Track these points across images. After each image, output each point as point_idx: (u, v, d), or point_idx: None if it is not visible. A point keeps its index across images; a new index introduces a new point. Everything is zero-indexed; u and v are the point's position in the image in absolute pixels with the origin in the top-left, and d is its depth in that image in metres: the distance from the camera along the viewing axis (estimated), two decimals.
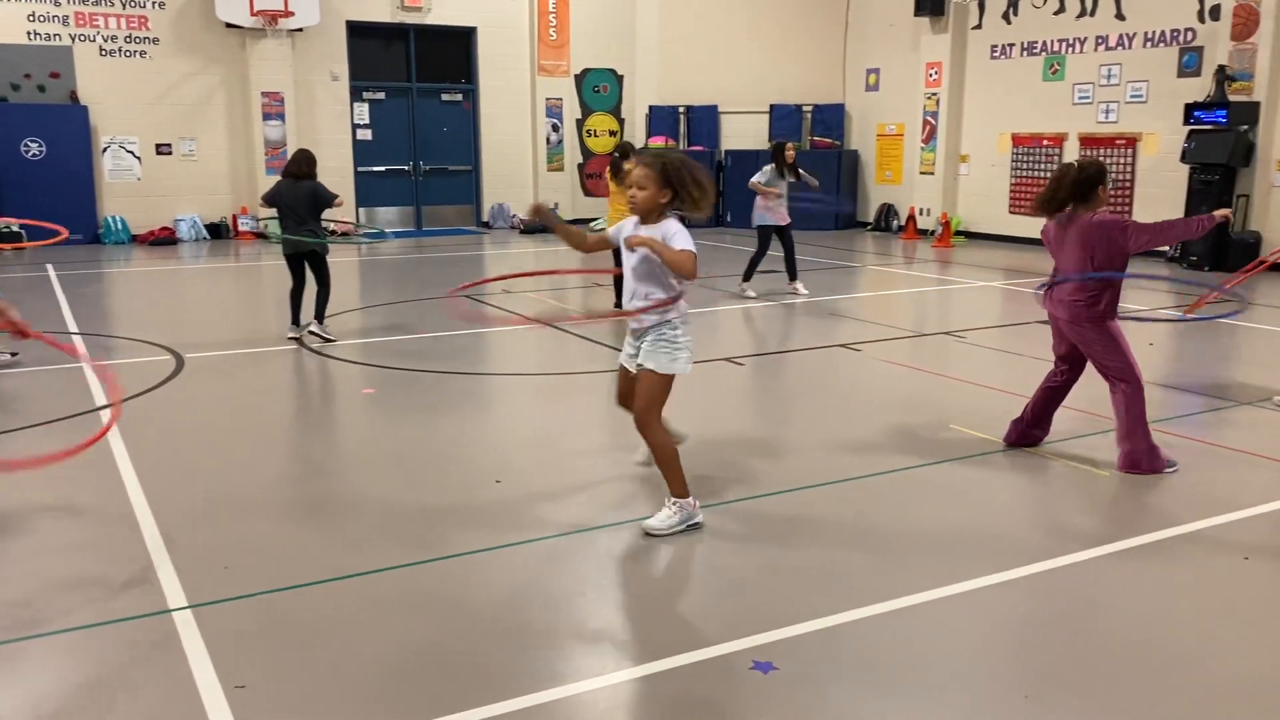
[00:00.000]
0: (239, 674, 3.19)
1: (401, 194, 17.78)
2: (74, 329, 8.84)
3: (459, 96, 17.86)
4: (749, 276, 10.63)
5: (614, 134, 18.73)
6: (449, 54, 17.68)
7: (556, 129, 18.22)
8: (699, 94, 18.37)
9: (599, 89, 18.60)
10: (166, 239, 15.54)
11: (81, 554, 4.16)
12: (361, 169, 17.11)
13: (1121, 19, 14.14)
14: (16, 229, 14.13)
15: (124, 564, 4.04)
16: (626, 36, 18.55)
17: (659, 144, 17.81)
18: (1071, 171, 4.99)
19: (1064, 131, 14.94)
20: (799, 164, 10.88)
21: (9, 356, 7.48)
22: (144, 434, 5.79)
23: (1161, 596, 3.80)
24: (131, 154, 15.55)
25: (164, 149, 15.75)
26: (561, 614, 3.66)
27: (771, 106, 18.10)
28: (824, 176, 17.10)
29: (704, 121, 18.40)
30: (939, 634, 3.50)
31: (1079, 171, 4.97)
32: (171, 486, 4.94)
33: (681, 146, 18.18)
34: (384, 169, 17.46)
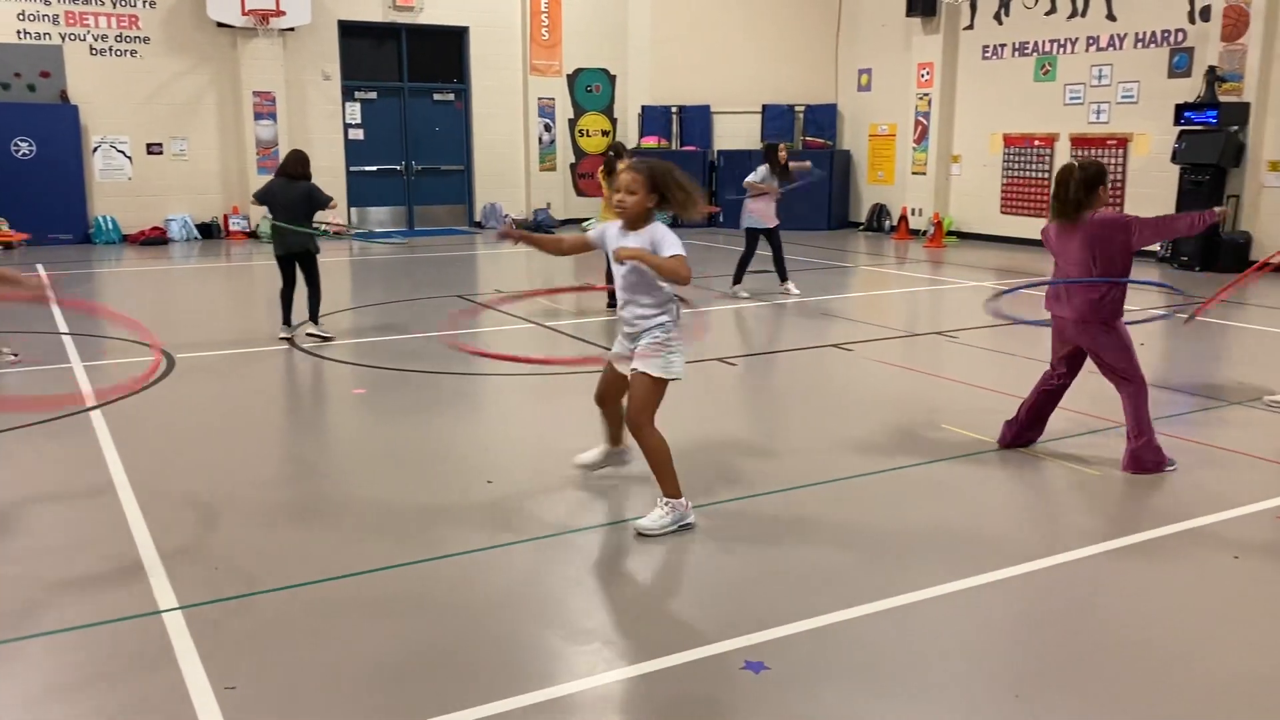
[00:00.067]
0: (229, 675, 3.18)
1: (393, 194, 17.75)
2: (64, 329, 8.81)
3: (451, 96, 17.84)
4: (739, 278, 10.64)
5: (606, 134, 18.73)
6: (441, 54, 17.66)
7: (549, 129, 18.21)
8: (691, 94, 18.37)
9: (591, 89, 18.59)
10: (157, 239, 15.49)
11: (71, 554, 4.14)
12: (353, 169, 17.08)
13: (1112, 19, 14.17)
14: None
15: (114, 564, 4.02)
16: (619, 36, 18.55)
17: (651, 144, 17.83)
18: (1076, 171, 4.98)
19: (1055, 132, 14.97)
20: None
21: (12, 357, 7.48)
22: (135, 434, 5.77)
23: (1154, 595, 3.81)
24: (122, 153, 15.50)
25: (155, 148, 15.71)
26: (553, 614, 3.66)
27: (764, 107, 18.11)
28: (817, 177, 17.18)
29: (696, 122, 18.40)
30: (931, 634, 3.50)
31: (1082, 171, 4.98)
32: (162, 486, 4.92)
33: (674, 147, 18.22)
34: (376, 169, 17.43)
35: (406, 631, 3.50)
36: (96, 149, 15.32)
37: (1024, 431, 5.45)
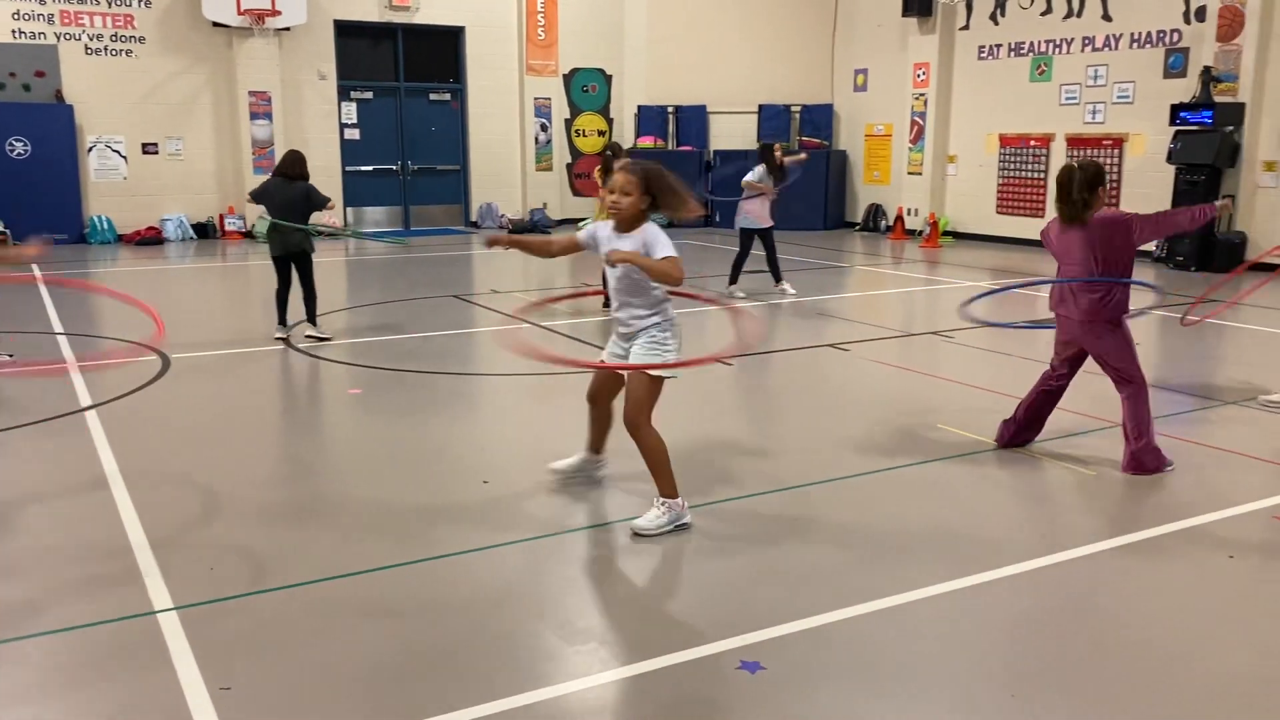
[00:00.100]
0: (224, 675, 3.17)
1: (389, 194, 17.73)
2: (59, 329, 8.79)
3: (447, 96, 17.82)
4: (735, 279, 10.65)
5: (603, 134, 18.72)
6: (437, 53, 17.64)
7: (545, 129, 18.20)
8: (688, 94, 18.37)
9: (587, 89, 18.59)
10: (153, 239, 15.47)
11: (67, 554, 4.13)
12: (349, 169, 17.05)
13: (1108, 20, 14.19)
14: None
15: (109, 564, 4.01)
16: (615, 36, 18.54)
17: (648, 144, 17.83)
18: (1078, 173, 4.98)
19: (1051, 132, 14.99)
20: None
21: (7, 357, 7.47)
22: (131, 434, 5.76)
23: (1150, 595, 3.81)
24: (117, 153, 15.47)
25: (150, 148, 15.67)
26: (549, 614, 3.65)
27: (760, 107, 18.12)
28: (811, 177, 17.20)
29: (693, 121, 18.40)
30: (928, 633, 3.50)
31: (1083, 172, 4.98)
32: (157, 486, 4.91)
33: (670, 146, 18.21)
34: (372, 169, 17.40)
35: (403, 632, 3.49)
36: (92, 149, 15.29)
37: (1022, 431, 5.46)
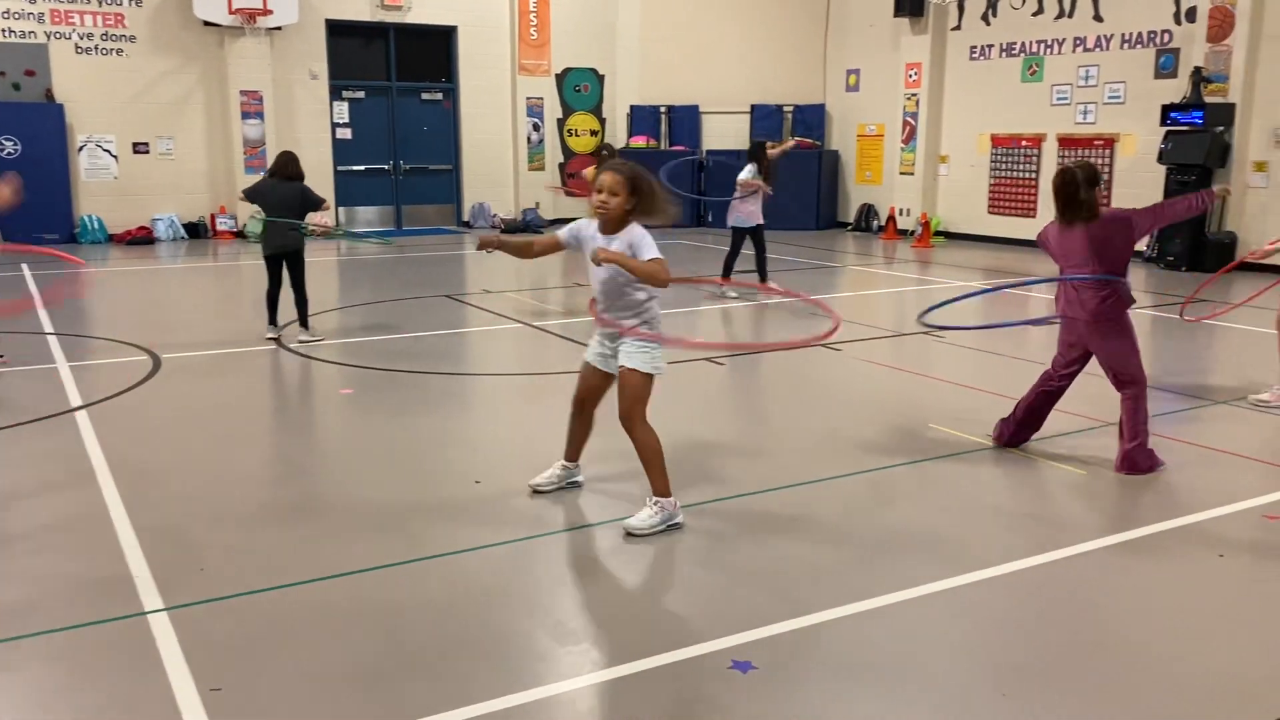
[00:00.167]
0: (214, 676, 3.16)
1: (381, 193, 17.70)
2: (50, 329, 8.76)
3: (439, 95, 17.80)
4: (728, 275, 10.65)
5: (595, 134, 18.71)
6: (429, 53, 17.61)
7: (537, 128, 18.18)
8: (680, 94, 18.37)
9: (580, 88, 18.57)
10: (144, 239, 15.42)
11: (55, 555, 4.12)
12: (341, 168, 17.02)
13: (1099, 20, 14.23)
14: None
15: (99, 565, 4.00)
16: (607, 36, 18.53)
17: (640, 144, 17.83)
18: (1079, 174, 4.99)
19: (1043, 132, 15.03)
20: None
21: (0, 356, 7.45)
22: (120, 434, 5.74)
23: (1140, 594, 3.82)
24: (108, 153, 15.41)
25: (141, 148, 15.62)
26: (540, 615, 3.65)
27: (752, 107, 18.13)
28: (804, 177, 17.24)
29: (685, 121, 18.41)
30: (918, 632, 3.50)
31: (1082, 172, 4.99)
32: (147, 487, 4.90)
33: (663, 147, 18.22)
34: (364, 168, 17.37)
35: (394, 632, 3.49)
36: (82, 148, 15.23)
37: (1020, 430, 5.46)
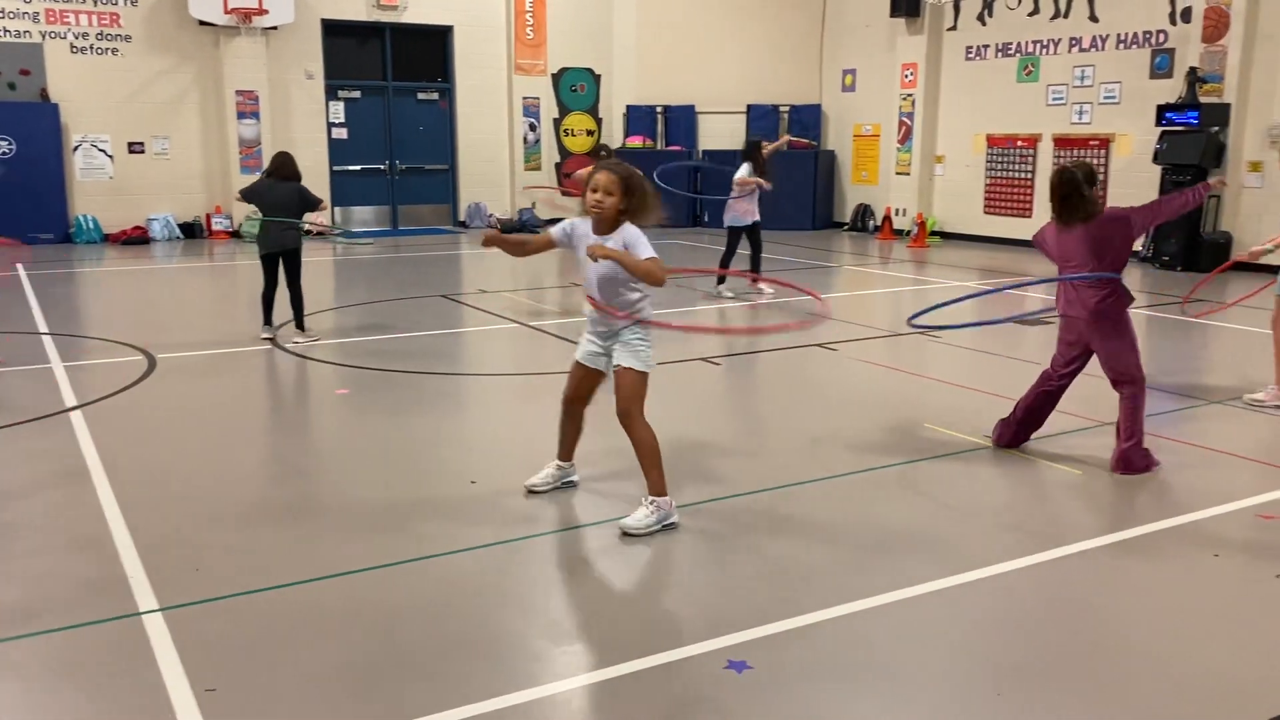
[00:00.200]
0: (209, 677, 3.16)
1: (377, 193, 17.68)
2: (44, 329, 8.74)
3: (435, 95, 17.79)
4: (723, 277, 10.65)
5: (591, 134, 18.71)
6: (425, 53, 17.60)
7: (534, 128, 18.18)
8: (676, 94, 18.37)
9: (576, 88, 18.57)
10: (139, 238, 15.39)
11: (50, 556, 4.11)
12: (337, 168, 17.00)
13: (1095, 21, 14.25)
14: None
15: (94, 566, 3.99)
16: (604, 36, 18.53)
17: (637, 144, 17.82)
18: (1075, 172, 5.00)
19: (1038, 132, 15.04)
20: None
21: None
22: (115, 434, 5.73)
23: (1136, 594, 3.82)
24: (103, 152, 15.39)
25: (136, 147, 15.60)
26: (535, 615, 3.65)
27: (749, 107, 18.14)
28: (800, 177, 17.24)
29: (681, 121, 18.40)
30: (914, 632, 3.50)
31: (1081, 172, 5.00)
32: (142, 487, 4.89)
33: (659, 147, 18.22)
34: (360, 168, 17.35)
35: (388, 633, 3.48)
36: (77, 148, 15.20)
37: (1020, 431, 5.45)
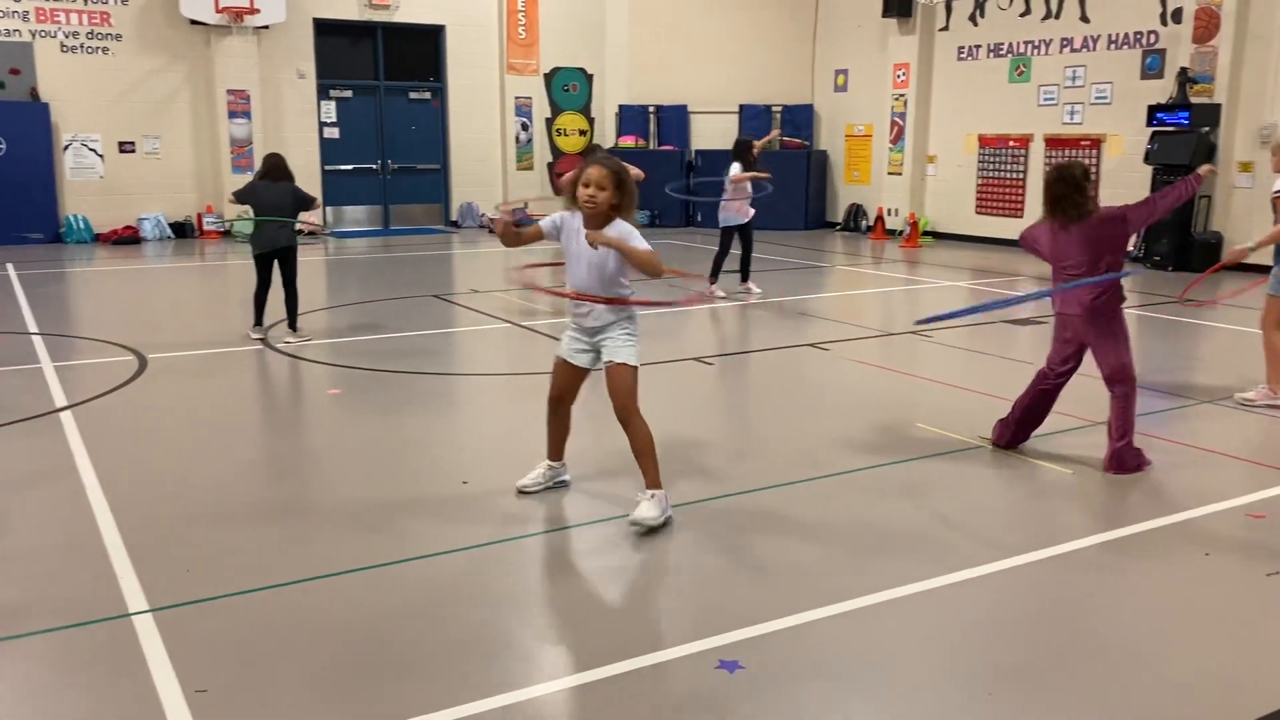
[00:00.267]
0: (200, 678, 3.15)
1: (369, 193, 17.65)
2: (34, 329, 8.71)
3: (427, 95, 17.76)
4: (715, 277, 10.66)
5: (584, 133, 18.69)
6: (417, 52, 17.57)
7: (526, 128, 18.16)
8: (669, 94, 18.37)
9: (568, 88, 18.55)
10: (130, 238, 15.34)
11: (40, 556, 4.09)
12: (329, 167, 16.97)
13: (1086, 21, 14.28)
14: None
15: (84, 566, 3.97)
16: (596, 35, 18.52)
17: (629, 143, 17.82)
18: (1074, 170, 5.01)
19: (1030, 133, 15.07)
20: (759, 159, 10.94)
21: None
22: (105, 435, 5.71)
23: (1127, 593, 3.83)
24: (94, 152, 15.33)
25: (127, 147, 15.54)
26: (526, 615, 3.64)
27: (741, 106, 18.14)
28: (792, 177, 17.25)
29: (674, 121, 18.41)
30: (906, 632, 3.51)
31: (1079, 170, 5.02)
32: (133, 488, 4.87)
33: (651, 146, 18.21)
34: (351, 167, 17.32)
35: (381, 633, 3.47)
36: (67, 147, 15.14)
37: (1019, 431, 5.45)
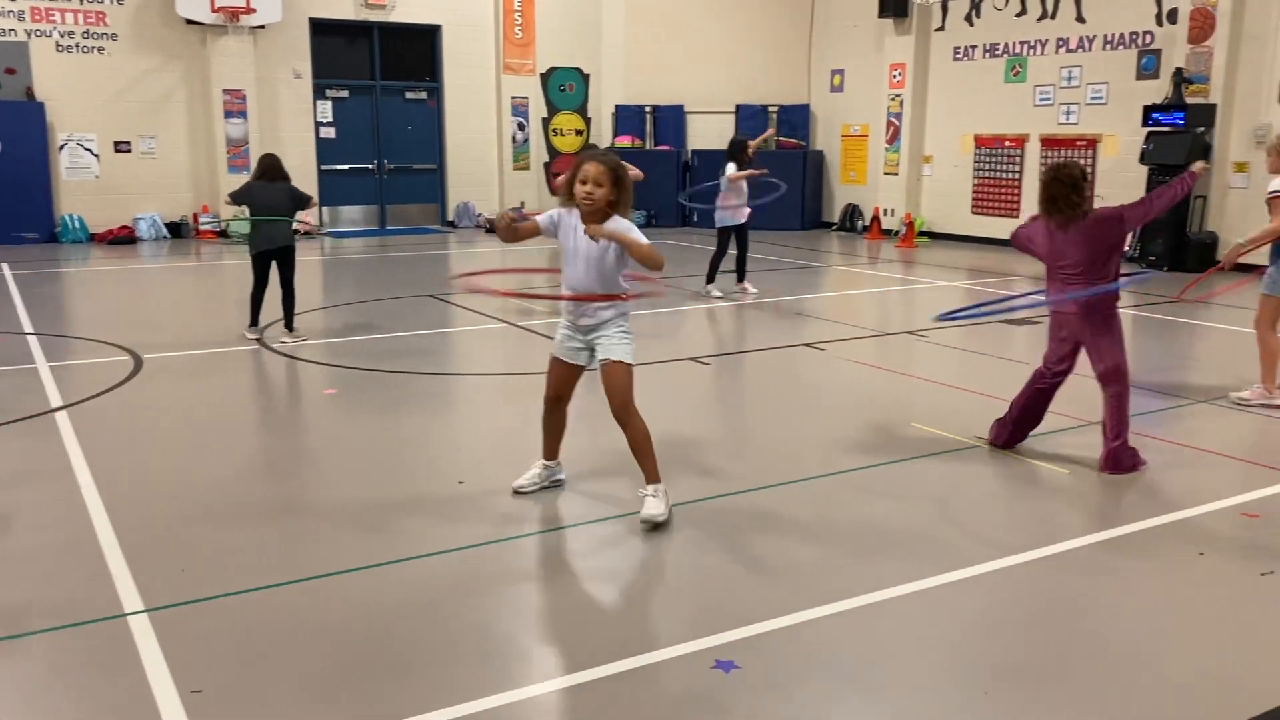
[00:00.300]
0: (195, 678, 3.14)
1: (365, 193, 17.64)
2: (30, 329, 8.69)
3: (423, 95, 17.75)
4: (712, 278, 10.66)
5: (580, 133, 18.68)
6: (413, 52, 17.56)
7: (522, 128, 18.15)
8: (665, 94, 18.38)
9: (565, 88, 18.55)
10: (125, 238, 15.32)
11: (35, 557, 4.08)
12: (325, 167, 16.95)
13: (1082, 21, 14.30)
14: None
15: (79, 567, 3.97)
16: (592, 35, 18.51)
17: (625, 143, 17.82)
18: (1075, 168, 5.02)
19: (1025, 133, 15.09)
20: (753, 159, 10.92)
21: None
22: (101, 435, 5.71)
23: (1121, 592, 3.84)
24: (89, 151, 15.30)
25: (123, 146, 15.52)
26: (522, 615, 3.65)
27: (737, 107, 18.14)
28: (788, 177, 17.22)
29: (670, 121, 18.41)
30: (901, 631, 3.51)
31: (1078, 169, 5.02)
32: (128, 488, 4.87)
33: (647, 146, 18.21)
34: (347, 167, 17.31)
35: (377, 633, 3.47)
36: (63, 147, 15.11)
37: (1017, 430, 5.45)
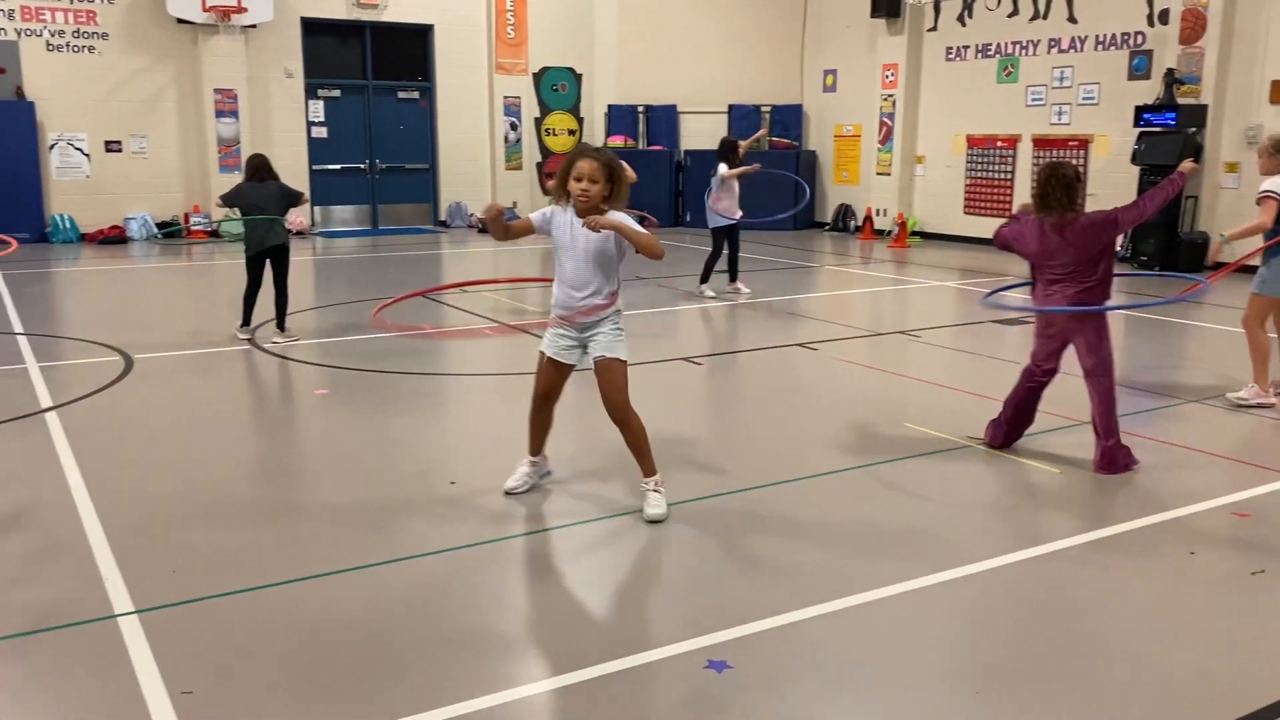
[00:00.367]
0: (185, 679, 3.13)
1: (357, 192, 17.61)
2: (19, 329, 8.66)
3: (416, 94, 17.73)
4: (706, 278, 10.66)
5: (573, 133, 18.68)
6: (406, 51, 17.53)
7: (515, 127, 18.14)
8: (658, 93, 18.38)
9: (557, 88, 18.54)
10: (116, 238, 15.27)
11: (25, 557, 4.06)
12: (316, 167, 16.92)
13: (1073, 22, 14.34)
14: None
15: (69, 567, 3.95)
16: (585, 35, 18.50)
17: (618, 143, 17.81)
18: (1071, 167, 5.03)
19: (1018, 133, 15.12)
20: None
21: None
22: (91, 435, 5.68)
23: (1113, 591, 3.84)
24: (80, 151, 15.25)
25: (114, 146, 15.47)
26: (514, 615, 3.64)
27: (730, 107, 18.15)
28: (782, 177, 17.25)
29: (663, 121, 18.41)
30: (894, 631, 3.51)
31: (1072, 169, 5.04)
32: (119, 489, 4.84)
33: (640, 146, 18.21)
34: (339, 167, 17.28)
35: (368, 634, 3.46)
36: (53, 146, 15.06)
37: (1012, 430, 5.46)
